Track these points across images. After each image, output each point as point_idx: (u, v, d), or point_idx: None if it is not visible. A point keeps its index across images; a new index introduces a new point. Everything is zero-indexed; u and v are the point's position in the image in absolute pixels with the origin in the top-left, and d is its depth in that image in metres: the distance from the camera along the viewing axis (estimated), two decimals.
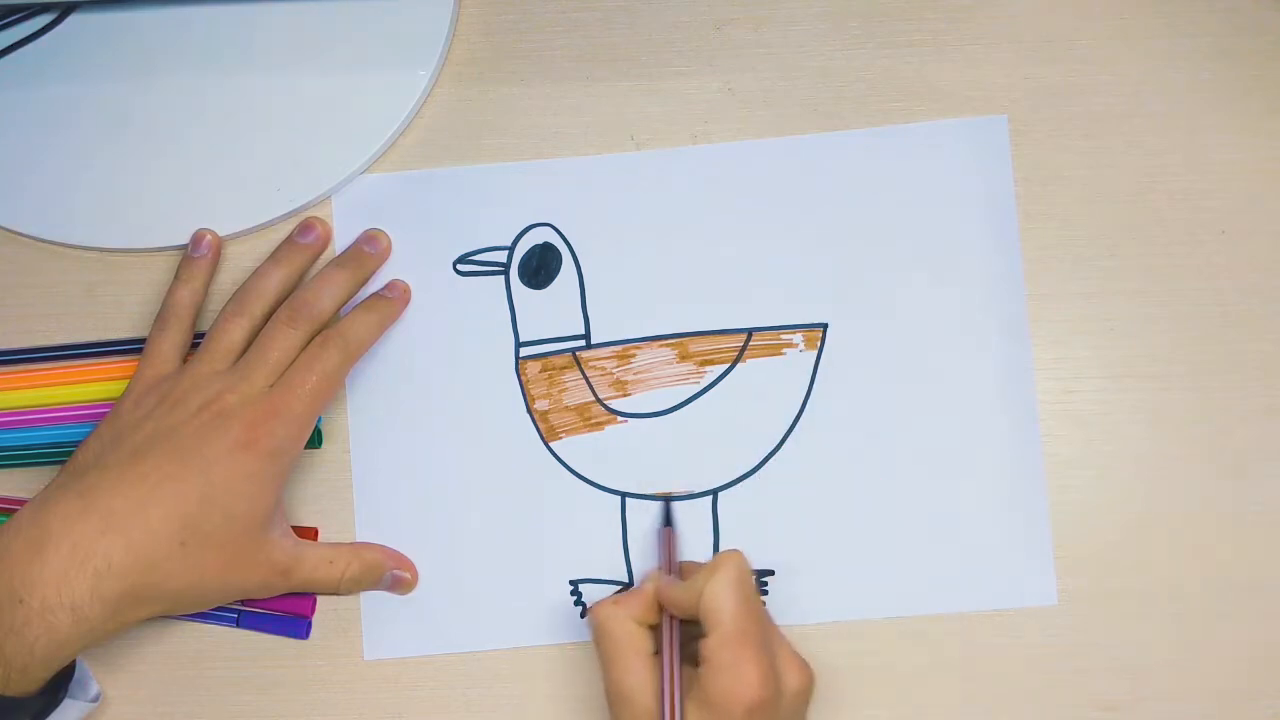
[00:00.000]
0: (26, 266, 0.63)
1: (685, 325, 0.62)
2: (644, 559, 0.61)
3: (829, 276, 0.61)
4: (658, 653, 0.55)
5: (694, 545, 0.61)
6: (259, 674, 0.61)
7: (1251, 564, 0.59)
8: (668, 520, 0.60)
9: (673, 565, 0.59)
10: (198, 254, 0.62)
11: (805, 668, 0.54)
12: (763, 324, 0.61)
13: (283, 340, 0.58)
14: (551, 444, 0.62)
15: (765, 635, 0.54)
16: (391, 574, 0.61)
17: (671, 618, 0.55)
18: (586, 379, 0.62)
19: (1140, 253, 0.61)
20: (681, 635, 0.55)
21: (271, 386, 0.57)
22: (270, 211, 0.62)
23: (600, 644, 0.55)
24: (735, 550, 0.55)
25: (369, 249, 0.62)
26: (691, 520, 0.61)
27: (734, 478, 0.61)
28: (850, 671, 0.59)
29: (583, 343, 0.62)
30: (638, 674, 0.54)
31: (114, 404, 0.59)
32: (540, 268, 0.62)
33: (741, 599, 0.53)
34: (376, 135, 0.62)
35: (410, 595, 0.61)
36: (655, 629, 0.56)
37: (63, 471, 0.58)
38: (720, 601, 0.53)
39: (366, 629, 0.61)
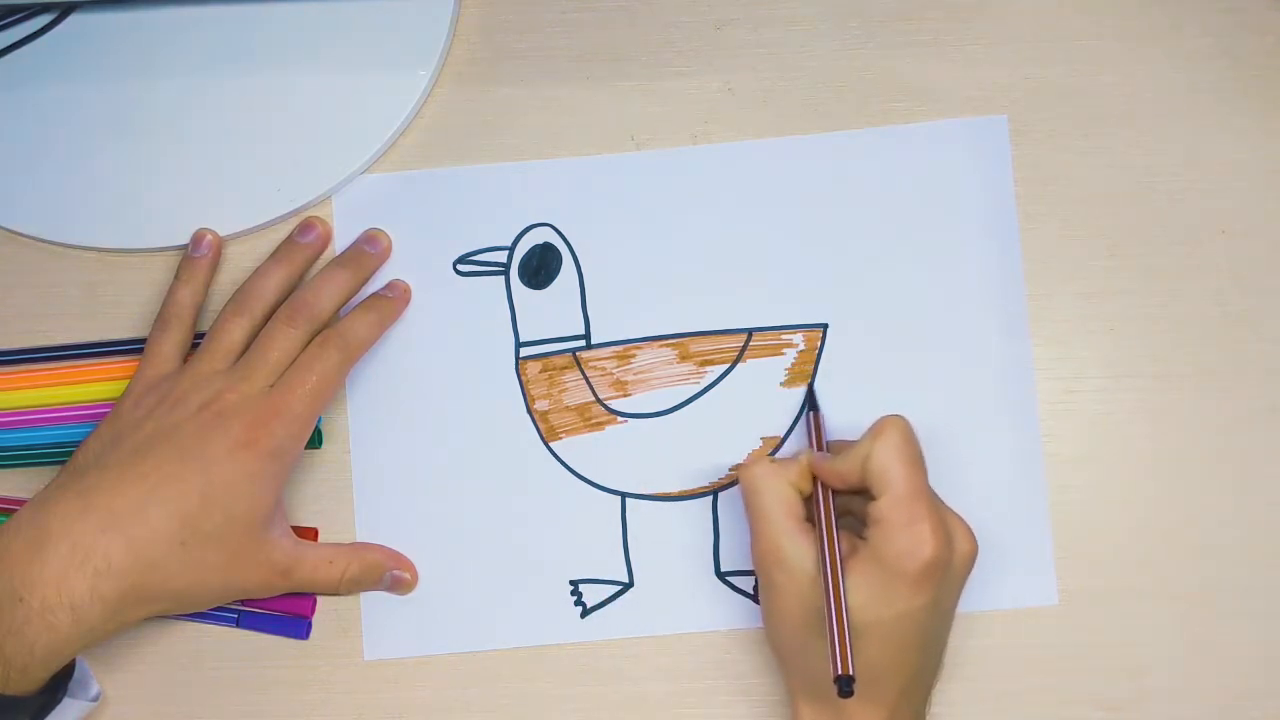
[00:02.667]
0: (26, 266, 0.63)
1: (685, 325, 0.62)
2: (644, 559, 0.61)
3: (829, 276, 0.61)
4: (808, 520, 0.55)
5: (693, 544, 0.61)
6: (259, 674, 0.61)
7: (1251, 564, 0.59)
8: (813, 405, 0.60)
9: (822, 446, 0.58)
10: (198, 254, 0.62)
11: (971, 532, 0.54)
12: (763, 324, 0.61)
13: (283, 340, 0.58)
14: (551, 444, 0.61)
15: (933, 497, 0.54)
16: (391, 574, 0.61)
17: (825, 487, 0.55)
18: (586, 379, 0.62)
19: (1140, 253, 0.61)
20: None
21: (272, 386, 0.57)
22: (270, 211, 0.62)
23: (753, 505, 0.55)
24: (898, 414, 0.55)
25: (369, 249, 0.62)
26: (691, 520, 0.61)
27: (734, 478, 0.61)
28: None
29: (583, 343, 0.62)
30: (795, 538, 0.54)
31: (114, 404, 0.59)
32: (540, 268, 0.62)
33: (911, 459, 0.53)
34: (376, 135, 0.62)
35: (410, 595, 0.61)
36: (806, 500, 0.55)
37: (63, 471, 0.58)
38: (889, 463, 0.53)
39: (366, 629, 0.61)
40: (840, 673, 0.50)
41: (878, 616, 0.52)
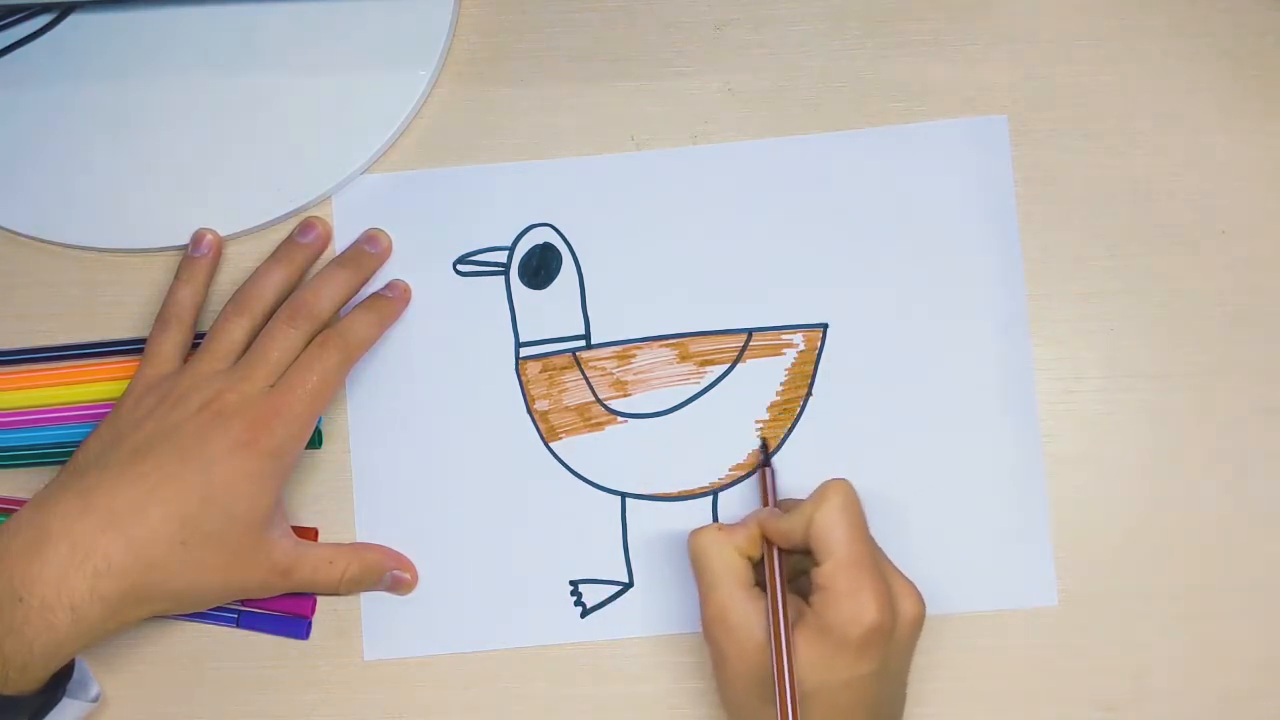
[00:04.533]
0: (26, 266, 0.63)
1: (685, 325, 0.62)
2: (644, 559, 0.61)
3: (829, 276, 0.61)
4: (758, 584, 0.54)
5: None
6: (259, 674, 0.61)
7: (1251, 564, 0.60)
8: (766, 460, 0.60)
9: (773, 502, 0.58)
10: (198, 254, 0.62)
11: (917, 595, 0.54)
12: (763, 324, 0.61)
13: (283, 340, 0.58)
14: (551, 444, 0.62)
15: (878, 561, 0.54)
16: (391, 574, 0.61)
17: (776, 550, 0.55)
18: (586, 379, 0.62)
19: (1140, 253, 0.61)
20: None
21: (272, 386, 0.57)
22: (270, 211, 0.62)
23: (701, 571, 0.55)
24: (842, 478, 0.54)
25: (369, 249, 0.62)
26: (691, 520, 0.61)
27: (734, 478, 0.61)
28: None
29: (583, 343, 0.62)
30: (743, 604, 0.53)
31: (114, 404, 0.59)
32: (540, 268, 0.62)
33: (853, 524, 0.53)
34: (376, 135, 0.62)
35: (410, 595, 0.61)
36: (756, 565, 0.55)
37: (63, 471, 0.58)
38: (832, 528, 0.53)
39: (366, 629, 0.61)
40: None
41: (823, 683, 0.52)
